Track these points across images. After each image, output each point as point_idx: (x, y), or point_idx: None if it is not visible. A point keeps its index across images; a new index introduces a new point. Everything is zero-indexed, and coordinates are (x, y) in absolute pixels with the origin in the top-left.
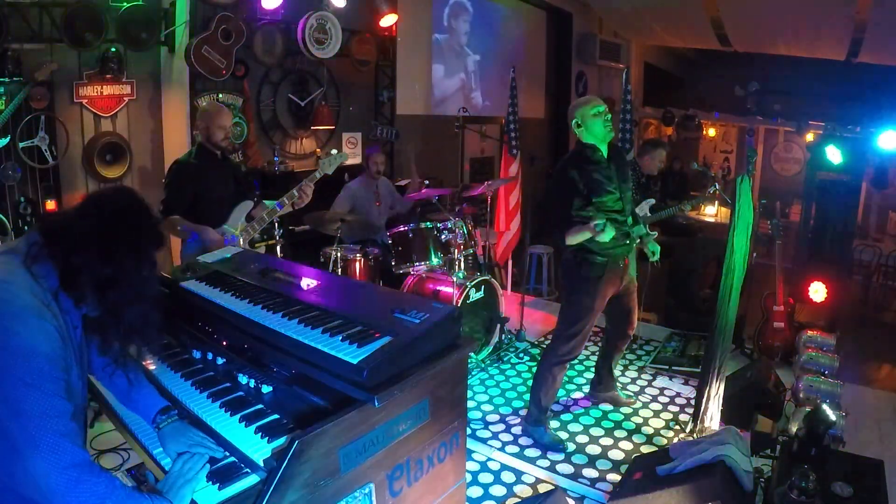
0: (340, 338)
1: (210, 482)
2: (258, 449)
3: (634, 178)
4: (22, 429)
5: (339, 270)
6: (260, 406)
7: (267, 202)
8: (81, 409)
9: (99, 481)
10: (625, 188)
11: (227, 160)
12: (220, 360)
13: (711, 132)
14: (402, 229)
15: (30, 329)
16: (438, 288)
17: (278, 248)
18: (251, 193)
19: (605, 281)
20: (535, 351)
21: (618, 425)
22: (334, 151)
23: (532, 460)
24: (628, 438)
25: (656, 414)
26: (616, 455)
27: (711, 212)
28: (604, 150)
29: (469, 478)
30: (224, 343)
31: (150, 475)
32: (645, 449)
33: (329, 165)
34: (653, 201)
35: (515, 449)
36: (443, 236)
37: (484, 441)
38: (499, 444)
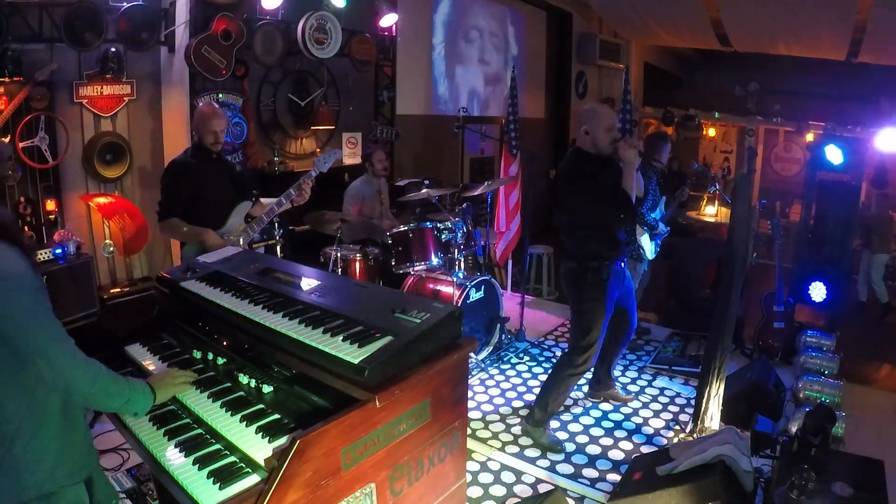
0: (341, 338)
1: (211, 482)
2: (259, 448)
3: (658, 177)
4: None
5: (339, 270)
6: (261, 406)
7: (265, 200)
8: None
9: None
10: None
11: (223, 160)
12: (220, 360)
13: (711, 132)
14: (402, 229)
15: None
16: (438, 288)
17: (278, 248)
18: (249, 193)
19: (611, 284)
20: (535, 351)
21: (618, 425)
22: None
23: (532, 460)
24: (628, 438)
25: (656, 414)
26: (616, 455)
27: (711, 212)
28: None
29: (469, 478)
30: (225, 343)
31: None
32: (645, 449)
33: (324, 164)
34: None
35: (515, 449)
36: (443, 236)
37: (484, 441)
38: (499, 444)
